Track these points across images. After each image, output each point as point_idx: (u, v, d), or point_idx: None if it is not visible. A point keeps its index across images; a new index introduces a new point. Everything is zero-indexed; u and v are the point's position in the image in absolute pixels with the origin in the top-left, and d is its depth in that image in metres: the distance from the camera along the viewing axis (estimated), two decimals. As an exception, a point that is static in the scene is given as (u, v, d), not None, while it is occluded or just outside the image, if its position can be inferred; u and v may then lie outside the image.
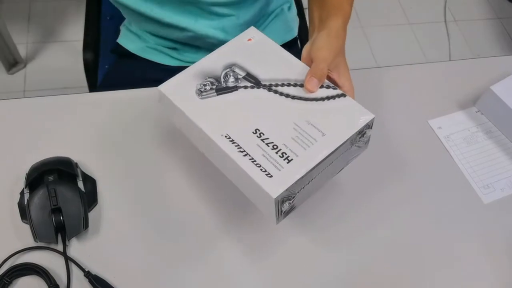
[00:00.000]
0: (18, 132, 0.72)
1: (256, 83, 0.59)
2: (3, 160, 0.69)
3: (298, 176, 0.51)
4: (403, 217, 0.69)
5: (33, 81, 1.71)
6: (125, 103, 0.76)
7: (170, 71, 0.63)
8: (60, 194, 0.62)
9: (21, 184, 0.66)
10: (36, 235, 0.61)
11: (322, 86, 0.58)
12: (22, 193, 0.65)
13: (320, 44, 0.60)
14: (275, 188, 0.50)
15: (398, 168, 0.74)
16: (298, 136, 0.54)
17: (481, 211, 0.71)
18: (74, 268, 0.62)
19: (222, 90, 0.59)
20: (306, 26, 1.07)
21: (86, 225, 0.63)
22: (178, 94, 0.59)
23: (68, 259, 0.62)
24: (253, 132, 0.54)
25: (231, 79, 0.60)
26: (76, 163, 0.68)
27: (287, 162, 0.52)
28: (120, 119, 0.74)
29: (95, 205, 0.67)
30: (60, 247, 0.62)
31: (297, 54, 0.62)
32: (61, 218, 0.62)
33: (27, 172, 0.66)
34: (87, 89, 1.13)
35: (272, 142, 0.53)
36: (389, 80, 0.83)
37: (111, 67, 1.10)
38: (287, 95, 0.57)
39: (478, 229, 0.69)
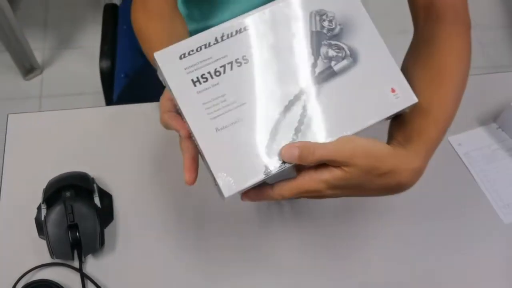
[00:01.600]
0: (36, 145, 0.72)
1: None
2: (21, 173, 0.70)
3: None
4: (421, 235, 0.68)
5: (49, 87, 1.72)
6: (143, 117, 0.76)
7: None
8: (76, 210, 0.62)
9: (38, 198, 0.66)
10: (52, 252, 0.61)
11: None
12: (39, 208, 0.65)
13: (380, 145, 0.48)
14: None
15: (415, 185, 0.72)
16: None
17: (501, 231, 0.69)
18: (90, 285, 0.61)
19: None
20: None
21: (102, 242, 0.63)
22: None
23: (84, 276, 0.61)
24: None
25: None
26: (92, 178, 0.68)
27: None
28: (138, 133, 0.74)
29: (111, 221, 0.66)
30: (76, 263, 0.62)
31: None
32: (78, 234, 0.62)
33: (44, 187, 0.66)
34: (103, 95, 1.14)
35: None
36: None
37: (134, 73, 1.10)
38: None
39: (498, 250, 0.68)
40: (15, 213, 0.66)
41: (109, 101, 1.18)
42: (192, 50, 0.47)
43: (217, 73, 0.47)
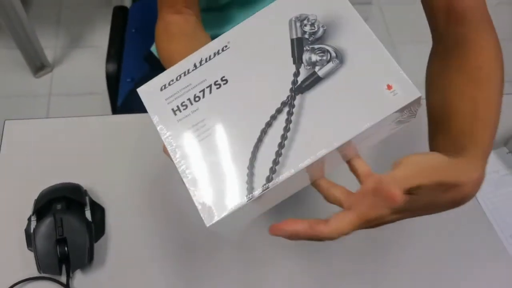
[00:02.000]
0: (31, 152, 0.71)
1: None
2: (15, 181, 0.68)
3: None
4: (422, 263, 0.65)
5: (59, 85, 1.72)
6: (143, 128, 0.75)
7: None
8: (66, 224, 0.61)
9: (30, 208, 0.65)
10: (39, 266, 0.60)
11: None
12: (30, 220, 0.64)
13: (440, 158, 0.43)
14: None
15: (424, 226, 0.70)
16: None
17: (507, 263, 0.66)
18: (76, 302, 0.60)
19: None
20: None
21: (91, 258, 0.62)
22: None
23: (70, 292, 0.60)
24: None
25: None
26: (85, 191, 0.66)
27: None
28: (136, 146, 0.73)
29: (102, 235, 0.65)
30: (64, 278, 0.61)
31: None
32: (66, 249, 0.60)
33: (36, 198, 0.65)
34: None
35: None
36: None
37: (140, 78, 1.09)
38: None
39: (502, 284, 0.65)
40: (7, 222, 0.65)
41: (114, 105, 1.17)
42: (172, 80, 0.47)
43: (196, 99, 0.46)
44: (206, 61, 0.47)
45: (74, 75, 1.74)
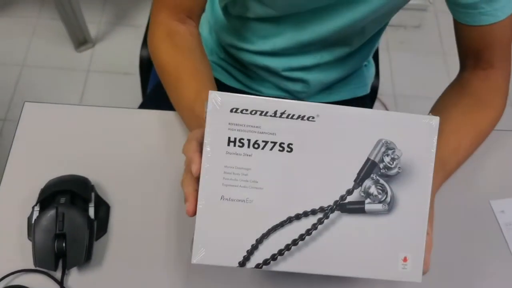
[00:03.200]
0: (46, 139, 0.69)
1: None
2: (27, 167, 0.67)
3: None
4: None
5: (98, 62, 1.72)
6: (165, 126, 0.72)
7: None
8: (67, 219, 0.59)
9: (36, 196, 0.63)
10: (35, 259, 0.58)
11: None
12: (33, 209, 0.62)
13: None
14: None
15: (442, 253, 0.64)
16: None
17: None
18: (68, 300, 0.58)
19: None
20: (379, 84, 1.04)
21: (89, 256, 0.60)
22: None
23: (63, 290, 0.58)
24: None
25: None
26: (92, 186, 0.64)
27: None
28: (156, 144, 0.70)
29: (104, 234, 0.63)
30: (59, 274, 0.59)
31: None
32: (64, 245, 0.58)
33: (42, 187, 0.63)
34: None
35: None
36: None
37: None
38: None
39: None
40: (12, 207, 0.64)
41: (145, 90, 1.15)
42: (246, 110, 0.44)
43: (256, 146, 0.44)
44: (287, 117, 0.44)
45: (115, 53, 1.74)
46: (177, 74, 0.67)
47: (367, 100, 0.99)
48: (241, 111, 0.43)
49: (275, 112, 0.44)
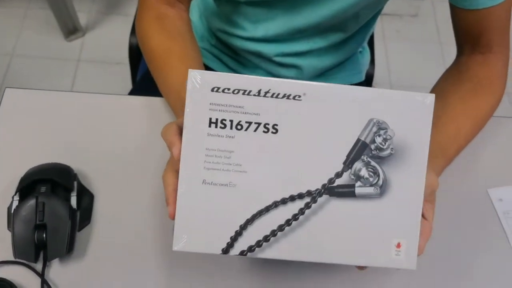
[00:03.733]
0: (28, 126, 0.67)
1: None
2: (7, 155, 0.64)
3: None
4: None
5: (89, 51, 1.69)
6: (151, 113, 0.69)
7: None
8: (48, 209, 0.56)
9: (15, 186, 0.60)
10: (15, 251, 0.56)
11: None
12: (12, 198, 0.60)
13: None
14: None
15: (441, 242, 0.62)
16: None
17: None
18: (49, 293, 0.56)
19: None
20: (374, 72, 1.02)
21: (71, 248, 0.57)
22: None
23: (44, 283, 0.56)
24: None
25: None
26: (75, 174, 0.61)
27: None
28: (142, 132, 0.67)
29: (88, 224, 0.60)
30: (39, 266, 0.57)
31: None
32: (44, 236, 0.56)
33: (22, 176, 0.60)
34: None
35: None
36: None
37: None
38: None
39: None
40: (-9, 197, 0.61)
41: (134, 79, 1.13)
42: (228, 89, 0.41)
43: (239, 127, 0.41)
44: (271, 96, 0.41)
45: (105, 43, 1.70)
46: (165, 59, 0.64)
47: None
48: (223, 90, 0.41)
49: (259, 91, 0.41)
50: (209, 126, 0.41)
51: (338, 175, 0.42)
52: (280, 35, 0.77)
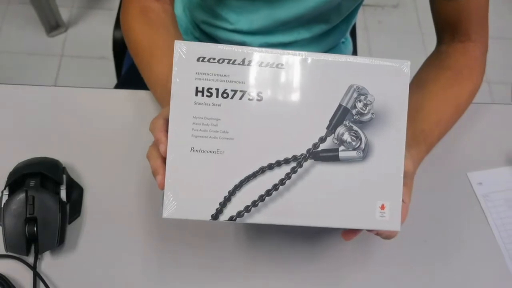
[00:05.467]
0: (13, 121, 0.67)
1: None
2: (-6, 150, 0.65)
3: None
4: (422, 279, 0.60)
5: (72, 46, 1.68)
6: (139, 106, 0.70)
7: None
8: (38, 202, 0.57)
9: (4, 181, 0.61)
10: (6, 244, 0.57)
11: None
12: (2, 193, 0.60)
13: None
14: None
15: (421, 226, 0.64)
16: None
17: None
18: (42, 286, 0.57)
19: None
20: None
21: (61, 240, 0.58)
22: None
23: (36, 275, 0.56)
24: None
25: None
26: (64, 168, 0.62)
27: None
28: (129, 125, 0.68)
29: (78, 217, 0.61)
30: (31, 259, 0.57)
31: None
32: (35, 229, 0.56)
33: (10, 170, 0.61)
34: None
35: None
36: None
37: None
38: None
39: (503, 314, 0.59)
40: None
41: (119, 73, 1.13)
42: (214, 58, 0.42)
43: (224, 95, 0.42)
44: (255, 65, 0.42)
45: (88, 38, 1.69)
46: (150, 51, 0.65)
47: None
48: (208, 60, 0.42)
49: (243, 60, 0.42)
50: (196, 95, 0.42)
51: (322, 139, 0.43)
52: (264, 27, 0.78)
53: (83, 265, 0.58)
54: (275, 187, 0.43)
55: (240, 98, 0.42)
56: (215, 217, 0.43)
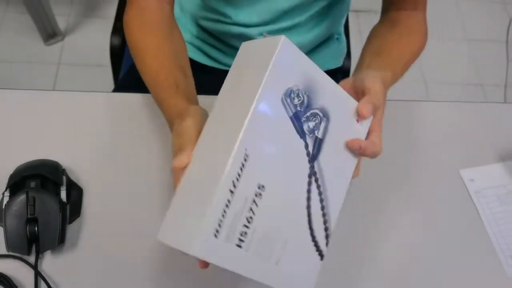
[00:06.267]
0: (14, 125, 0.68)
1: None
2: (-5, 153, 0.66)
3: None
4: (416, 275, 0.61)
5: (69, 55, 1.69)
6: (136, 109, 0.71)
7: (206, 72, 0.57)
8: (39, 203, 0.58)
9: (5, 183, 0.62)
10: (7, 244, 0.58)
11: None
12: (3, 195, 0.61)
13: (373, 77, 0.56)
14: None
15: (414, 222, 0.65)
16: None
17: (502, 285, 0.62)
18: (43, 284, 0.57)
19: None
20: (350, 65, 1.04)
21: (61, 240, 0.59)
22: None
23: (38, 274, 0.57)
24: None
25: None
26: (63, 170, 0.63)
27: None
28: (127, 128, 0.69)
29: (78, 217, 0.62)
30: (32, 259, 0.58)
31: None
32: (36, 229, 0.58)
33: (11, 173, 0.62)
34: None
35: None
36: (423, 115, 0.74)
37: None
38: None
39: (496, 307, 0.61)
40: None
41: (117, 79, 1.14)
42: (221, 220, 0.41)
43: (249, 220, 0.43)
44: (238, 181, 0.42)
45: (85, 46, 1.71)
46: (141, 54, 0.65)
47: (339, 75, 0.99)
48: (219, 225, 0.42)
49: (231, 191, 0.42)
50: (240, 247, 0.43)
51: (306, 146, 0.46)
52: (264, 18, 0.79)
53: (83, 264, 0.59)
54: (322, 209, 0.48)
55: (257, 206, 0.43)
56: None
